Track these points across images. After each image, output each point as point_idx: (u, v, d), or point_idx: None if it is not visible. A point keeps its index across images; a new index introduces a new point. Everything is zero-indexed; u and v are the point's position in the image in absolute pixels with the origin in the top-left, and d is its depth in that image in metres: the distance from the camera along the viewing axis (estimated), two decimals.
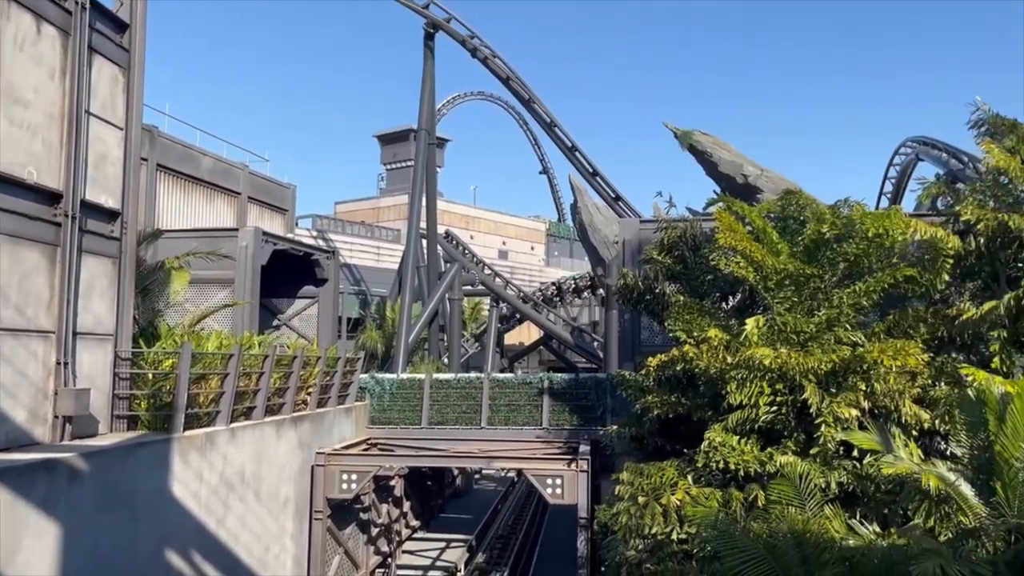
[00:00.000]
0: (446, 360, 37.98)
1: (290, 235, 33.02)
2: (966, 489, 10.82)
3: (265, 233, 26.53)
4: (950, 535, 10.90)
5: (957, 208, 14.87)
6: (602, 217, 36.81)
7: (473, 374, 27.12)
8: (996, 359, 13.54)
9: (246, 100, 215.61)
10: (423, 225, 36.90)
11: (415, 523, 28.70)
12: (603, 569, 16.02)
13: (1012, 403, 10.61)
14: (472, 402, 24.49)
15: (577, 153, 38.30)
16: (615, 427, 16.88)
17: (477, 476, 39.75)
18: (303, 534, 19.61)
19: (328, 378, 22.13)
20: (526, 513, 32.96)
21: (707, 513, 11.74)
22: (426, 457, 23.18)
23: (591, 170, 38.23)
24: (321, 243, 49.95)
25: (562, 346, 47.24)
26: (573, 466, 19.70)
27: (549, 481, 19.71)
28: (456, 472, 35.00)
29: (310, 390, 20.87)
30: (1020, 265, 14.04)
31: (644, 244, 20.13)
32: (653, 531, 12.96)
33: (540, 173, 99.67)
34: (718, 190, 29.85)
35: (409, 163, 57.97)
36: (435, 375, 25.85)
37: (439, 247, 39.93)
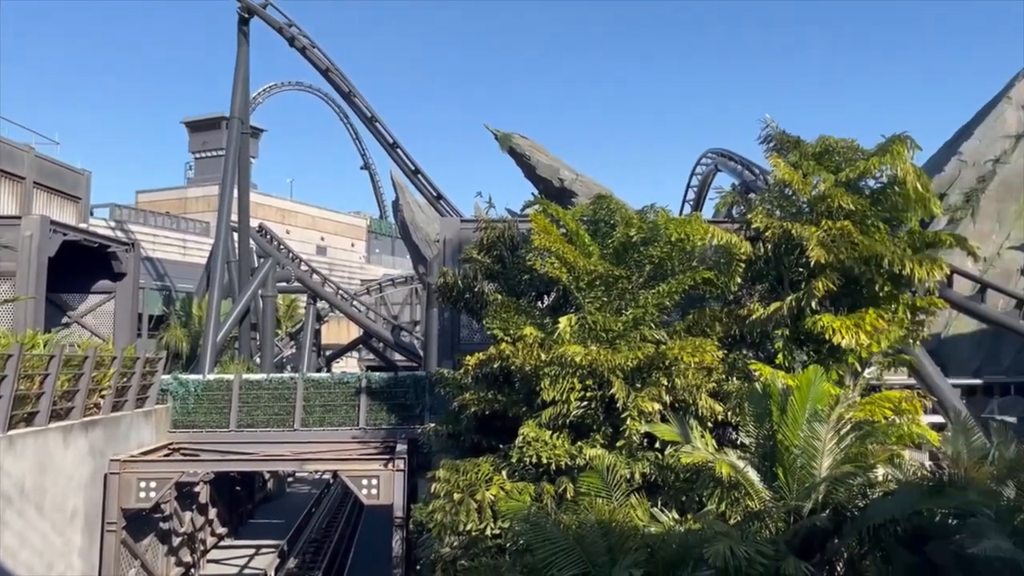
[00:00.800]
0: (258, 360, 36.45)
1: (83, 225, 30.43)
2: (753, 475, 11.77)
3: (53, 222, 24.30)
4: (739, 518, 11.81)
5: (749, 216, 16.17)
6: (424, 215, 36.81)
7: (287, 374, 26.20)
8: (780, 355, 14.84)
9: (30, 77, 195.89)
10: (235, 218, 35.22)
11: (222, 531, 27.35)
12: (418, 568, 16.00)
13: (792, 396, 11.66)
14: (285, 403, 23.65)
15: (399, 150, 38.01)
16: (433, 425, 16.90)
17: (290, 479, 38.50)
18: (93, 548, 18.11)
19: (125, 380, 20.59)
20: (341, 515, 32.31)
21: (520, 507, 12.01)
22: (234, 461, 22.14)
23: (413, 168, 38.06)
24: (120, 234, 46.47)
25: (382, 344, 46.71)
26: (390, 466, 19.53)
27: (365, 482, 19.43)
28: (267, 476, 33.72)
29: (104, 393, 19.31)
30: (801, 270, 15.41)
31: (464, 243, 20.29)
32: (468, 527, 13.09)
33: (362, 168, 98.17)
34: (536, 192, 30.68)
35: (220, 152, 55.12)
36: (245, 376, 24.73)
37: (252, 241, 38.25)
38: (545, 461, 13.36)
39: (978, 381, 24.84)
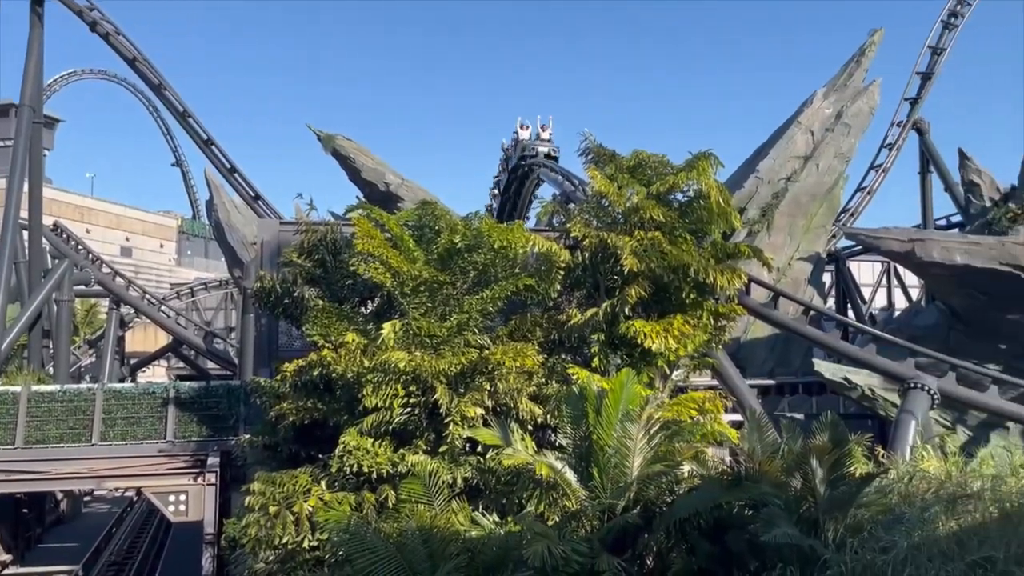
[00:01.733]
0: (51, 370, 33.35)
1: None
2: (571, 476, 12.14)
3: None
4: (557, 518, 12.15)
5: (568, 225, 16.75)
6: (240, 216, 35.21)
7: (84, 385, 24.14)
8: (596, 359, 15.45)
9: None
10: (24, 215, 32.07)
11: (5, 557, 24.81)
12: None
13: (607, 398, 12.14)
14: (82, 416, 21.72)
15: (213, 147, 36.09)
16: (248, 436, 16.17)
17: (87, 499, 35.51)
18: None
19: None
20: (146, 534, 30.22)
21: (339, 517, 11.73)
22: (19, 482, 20.12)
23: (229, 166, 36.27)
24: None
25: (194, 352, 44.13)
26: (199, 480, 18.50)
27: (172, 498, 18.31)
28: (60, 496, 30.93)
29: None
30: (616, 277, 16.13)
31: (284, 246, 19.57)
32: (284, 541, 12.63)
33: (173, 165, 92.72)
34: (360, 196, 30.20)
35: (8, 142, 50.09)
36: (35, 387, 22.53)
37: (45, 241, 34.99)
38: (367, 469, 13.12)
39: (772, 381, 27.00)
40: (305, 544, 12.70)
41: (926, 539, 9.83)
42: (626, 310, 15.28)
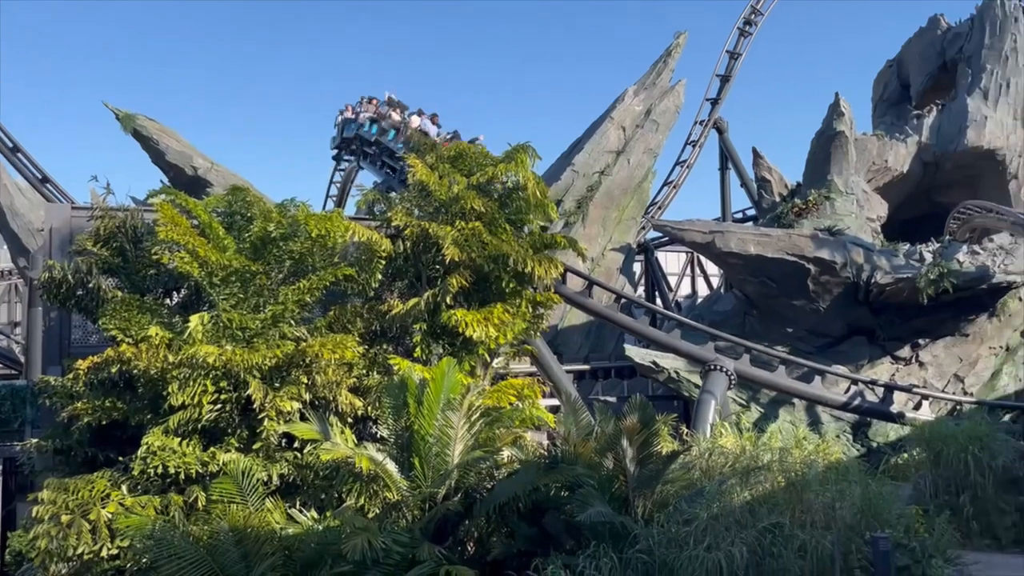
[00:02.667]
0: None
1: None
2: (392, 467, 12.06)
3: None
4: (378, 510, 12.04)
5: (389, 214, 16.57)
6: (25, 200, 31.96)
7: None
8: (418, 349, 15.41)
9: None
10: None
11: None
12: None
13: (428, 387, 12.16)
14: None
15: None
16: (36, 441, 14.74)
17: None
18: None
19: None
20: None
21: (142, 522, 11.00)
22: None
23: (11, 145, 32.84)
24: None
25: None
26: None
27: None
28: None
29: None
30: (438, 267, 16.15)
31: (77, 233, 17.98)
32: (80, 551, 11.63)
33: None
34: (165, 180, 28.28)
35: None
36: None
37: None
38: (173, 471, 12.35)
39: (586, 366, 28.10)
40: (104, 553, 11.75)
41: (723, 509, 10.62)
42: (448, 299, 15.34)
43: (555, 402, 20.84)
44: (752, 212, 38.22)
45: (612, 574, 9.74)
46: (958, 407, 23.07)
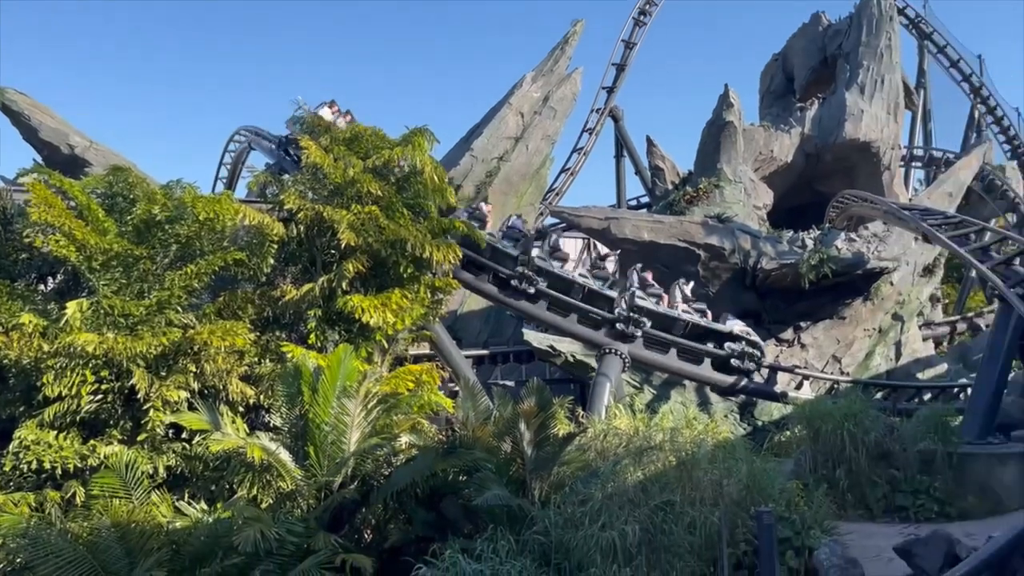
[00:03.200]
0: None
1: None
2: (285, 456, 11.77)
3: None
4: (271, 501, 11.73)
5: (282, 197, 16.08)
6: None
7: None
8: (313, 335, 15.06)
9: None
10: None
11: None
12: None
13: (323, 375, 11.93)
14: None
15: None
16: None
17: None
18: None
19: None
20: None
21: (14, 521, 10.34)
22: None
23: None
24: None
25: None
26: None
27: None
28: None
29: None
30: (333, 252, 15.82)
31: None
32: None
33: None
34: (40, 159, 26.64)
35: None
36: None
37: None
38: (49, 466, 11.69)
39: (485, 351, 28.28)
40: None
41: (617, 489, 10.85)
42: (344, 285, 15.05)
43: (454, 387, 20.87)
44: (646, 199, 39.18)
45: (510, 556, 9.80)
46: (836, 386, 24.39)
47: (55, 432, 11.99)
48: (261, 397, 13.70)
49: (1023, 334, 16.00)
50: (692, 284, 23.83)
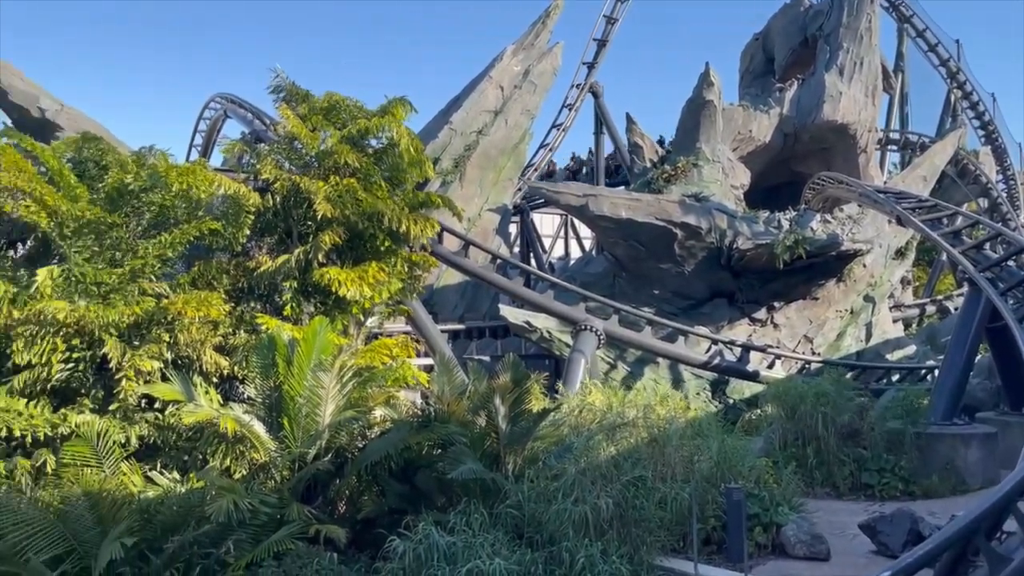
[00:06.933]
0: None
1: None
2: (259, 428, 11.76)
3: None
4: (245, 472, 11.73)
5: (258, 167, 15.89)
6: None
7: None
8: (288, 307, 14.97)
9: None
10: None
11: None
12: None
13: (299, 347, 11.89)
14: None
15: None
16: None
17: None
18: None
19: None
20: None
21: None
22: None
23: None
24: None
25: None
26: None
27: None
28: None
29: None
30: (310, 223, 15.67)
31: None
32: None
33: None
34: (9, 122, 26.09)
35: None
36: None
37: None
38: (19, 433, 11.57)
39: (462, 326, 28.29)
40: None
41: (590, 464, 10.98)
42: (320, 257, 14.93)
43: (430, 361, 20.91)
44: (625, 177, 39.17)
45: (482, 529, 9.90)
46: (807, 366, 24.73)
47: (25, 400, 11.87)
48: (235, 368, 13.61)
49: (991, 318, 16.29)
50: None
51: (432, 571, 9.20)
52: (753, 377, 23.29)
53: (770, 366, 24.23)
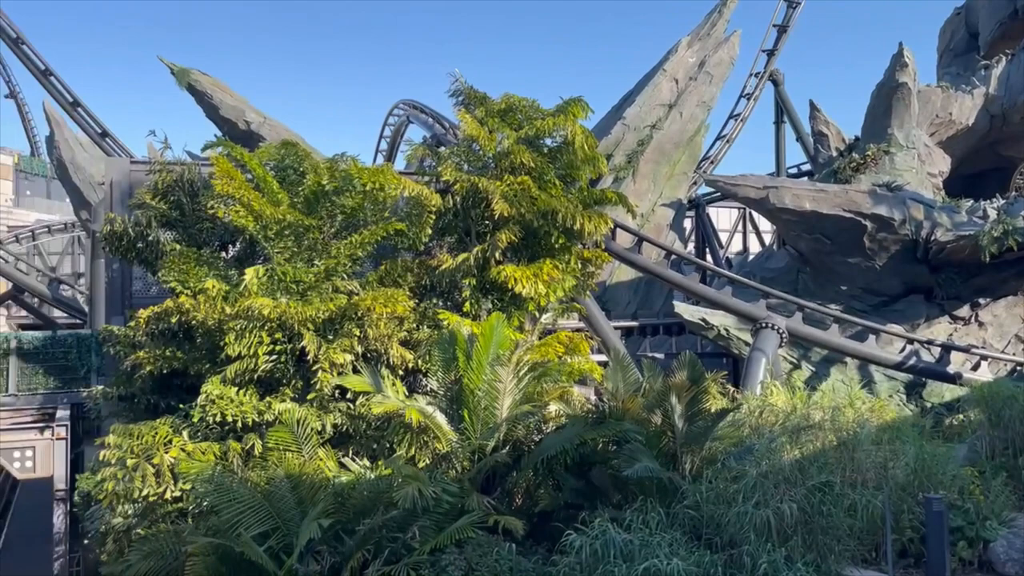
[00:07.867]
0: None
1: None
2: (441, 419, 12.26)
3: None
4: (428, 461, 12.28)
5: (439, 169, 16.55)
6: (86, 154, 32.60)
7: None
8: (467, 304, 15.50)
9: None
10: None
11: None
12: (86, 542, 14.59)
13: (477, 342, 12.27)
14: None
15: (52, 78, 33.27)
16: (102, 387, 15.31)
17: None
18: None
19: None
20: None
21: (203, 467, 11.40)
22: None
23: (71, 99, 33.59)
24: None
25: (38, 300, 41.18)
26: (48, 434, 17.43)
27: (17, 454, 17.20)
28: None
29: None
30: (487, 222, 16.13)
31: (136, 187, 18.43)
32: (144, 493, 12.14)
33: (7, 97, 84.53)
34: (220, 135, 28.65)
35: None
36: None
37: None
38: (231, 419, 12.74)
39: (635, 323, 28.03)
40: (168, 496, 12.25)
41: (773, 467, 10.58)
42: (497, 255, 15.34)
43: (602, 358, 20.90)
44: (808, 167, 37.28)
45: (659, 528, 9.80)
46: (1019, 368, 22.50)
47: (236, 388, 13.03)
48: (419, 362, 14.25)
49: None
50: None
51: (609, 567, 9.20)
52: (954, 380, 21.45)
53: (974, 368, 22.21)
